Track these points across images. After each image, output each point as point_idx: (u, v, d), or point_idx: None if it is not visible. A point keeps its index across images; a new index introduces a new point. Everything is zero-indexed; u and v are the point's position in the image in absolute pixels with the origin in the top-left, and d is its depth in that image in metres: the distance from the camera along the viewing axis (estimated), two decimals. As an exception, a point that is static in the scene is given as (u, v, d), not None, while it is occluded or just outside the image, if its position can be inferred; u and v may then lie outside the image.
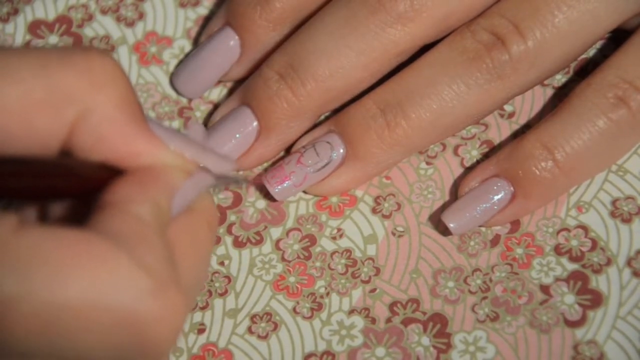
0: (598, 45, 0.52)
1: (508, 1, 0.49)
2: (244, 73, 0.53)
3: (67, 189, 0.38)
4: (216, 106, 0.53)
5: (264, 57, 0.52)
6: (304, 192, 0.51)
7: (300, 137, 0.51)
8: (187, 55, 0.54)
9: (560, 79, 0.52)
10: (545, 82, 0.52)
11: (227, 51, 0.52)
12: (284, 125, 0.50)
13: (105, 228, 0.36)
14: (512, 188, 0.48)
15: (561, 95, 0.52)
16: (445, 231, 0.50)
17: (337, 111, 0.51)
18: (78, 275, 0.35)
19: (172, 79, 0.53)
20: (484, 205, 0.49)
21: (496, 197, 0.49)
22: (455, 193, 0.51)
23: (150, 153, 0.39)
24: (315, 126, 0.51)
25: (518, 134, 0.51)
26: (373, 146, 0.49)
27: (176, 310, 0.36)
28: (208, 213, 0.41)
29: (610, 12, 0.48)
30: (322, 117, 0.52)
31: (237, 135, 0.50)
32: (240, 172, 0.52)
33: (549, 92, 0.52)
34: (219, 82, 0.53)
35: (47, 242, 0.35)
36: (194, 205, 0.40)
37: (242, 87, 0.52)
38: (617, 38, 0.52)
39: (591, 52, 0.52)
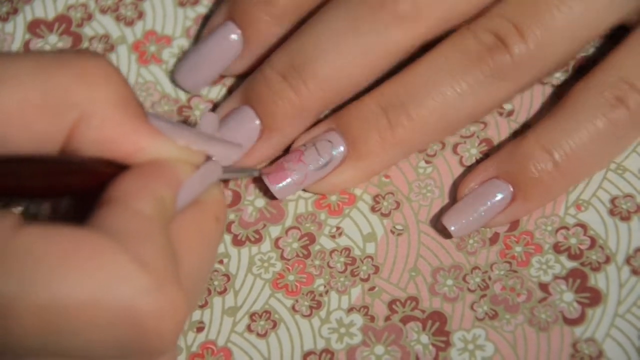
0: (597, 43, 0.52)
1: (509, 1, 0.49)
2: (246, 68, 0.53)
3: (76, 186, 0.38)
4: (215, 105, 0.53)
5: (265, 53, 0.52)
6: (304, 190, 0.51)
7: (301, 134, 0.51)
8: (188, 50, 0.54)
9: (559, 77, 0.52)
10: (545, 80, 0.52)
11: (230, 45, 0.52)
12: (286, 125, 0.50)
13: (105, 224, 0.37)
14: (511, 190, 0.49)
15: (560, 94, 0.52)
16: (444, 231, 0.50)
17: (337, 108, 0.51)
18: (75, 273, 0.35)
19: (174, 74, 0.53)
20: (484, 208, 0.49)
21: (496, 199, 0.49)
22: (454, 192, 0.51)
23: (154, 147, 0.39)
24: (315, 123, 0.51)
25: (517, 133, 0.51)
26: (375, 146, 0.49)
27: (175, 306, 0.36)
28: (216, 206, 0.41)
29: (611, 10, 0.48)
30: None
31: (241, 134, 0.50)
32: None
33: (548, 90, 0.52)
34: (221, 77, 0.53)
35: (45, 241, 0.35)
36: (202, 198, 0.41)
37: (243, 86, 0.51)
38: (615, 35, 0.52)
39: (590, 50, 0.52)
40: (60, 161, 0.38)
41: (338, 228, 0.50)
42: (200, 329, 0.49)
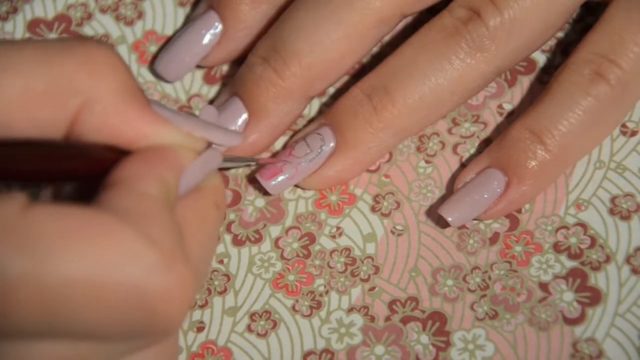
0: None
1: None
2: (227, 55, 0.53)
3: (80, 170, 0.38)
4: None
5: (249, 48, 0.52)
6: (303, 189, 0.51)
7: (295, 133, 0.51)
8: (169, 40, 0.54)
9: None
10: (545, 79, 0.52)
11: (209, 31, 0.52)
12: (271, 109, 0.50)
13: (112, 204, 0.37)
14: (505, 176, 0.49)
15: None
16: (445, 226, 0.50)
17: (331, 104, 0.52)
18: (83, 251, 0.35)
19: (154, 63, 0.53)
20: (480, 195, 0.49)
21: (491, 186, 0.49)
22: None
23: (157, 133, 0.39)
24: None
25: (517, 132, 0.52)
26: (361, 132, 0.49)
27: (184, 283, 0.36)
28: (216, 193, 0.41)
29: None
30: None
31: (231, 127, 0.50)
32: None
33: (548, 90, 0.52)
34: (220, 77, 0.53)
35: (53, 220, 0.35)
36: (202, 185, 0.41)
37: (232, 79, 0.52)
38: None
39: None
40: (62, 146, 0.38)
41: (338, 228, 0.50)
42: (200, 329, 0.49)
